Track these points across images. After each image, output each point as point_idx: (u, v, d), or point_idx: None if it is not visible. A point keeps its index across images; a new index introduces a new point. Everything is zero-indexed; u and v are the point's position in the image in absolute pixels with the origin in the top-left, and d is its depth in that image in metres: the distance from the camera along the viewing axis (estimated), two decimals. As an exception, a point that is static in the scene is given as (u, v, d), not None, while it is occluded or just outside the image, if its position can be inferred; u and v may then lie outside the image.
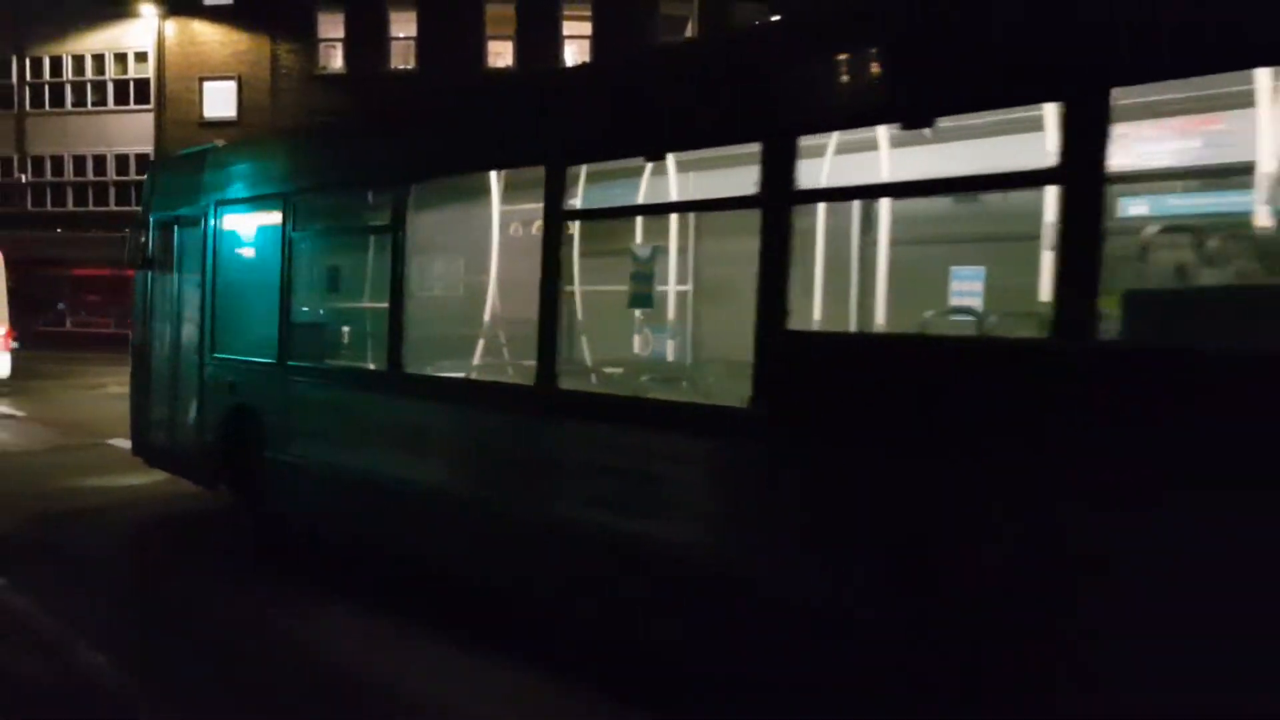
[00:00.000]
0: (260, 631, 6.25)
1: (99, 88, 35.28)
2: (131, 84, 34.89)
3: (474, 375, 6.87)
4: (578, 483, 5.49)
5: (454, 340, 7.11)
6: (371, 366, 7.40)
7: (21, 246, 35.14)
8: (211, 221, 8.84)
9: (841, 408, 4.29)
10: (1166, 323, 3.58)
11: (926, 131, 4.24)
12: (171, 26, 34.27)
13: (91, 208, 35.10)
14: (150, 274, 9.97)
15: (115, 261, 35.33)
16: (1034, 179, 4.05)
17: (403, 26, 33.36)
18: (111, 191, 34.94)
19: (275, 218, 8.08)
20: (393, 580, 7.13)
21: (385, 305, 6.82)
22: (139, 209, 10.65)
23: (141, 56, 34.70)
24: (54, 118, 35.49)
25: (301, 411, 7.73)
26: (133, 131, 34.68)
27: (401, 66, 33.47)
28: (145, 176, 11.41)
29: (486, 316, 7.05)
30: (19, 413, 17.47)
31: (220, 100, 34.21)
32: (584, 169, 6.11)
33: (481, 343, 7.02)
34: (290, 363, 7.81)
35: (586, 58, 33.06)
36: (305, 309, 8.06)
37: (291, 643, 6.03)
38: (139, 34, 34.50)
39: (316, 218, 8.11)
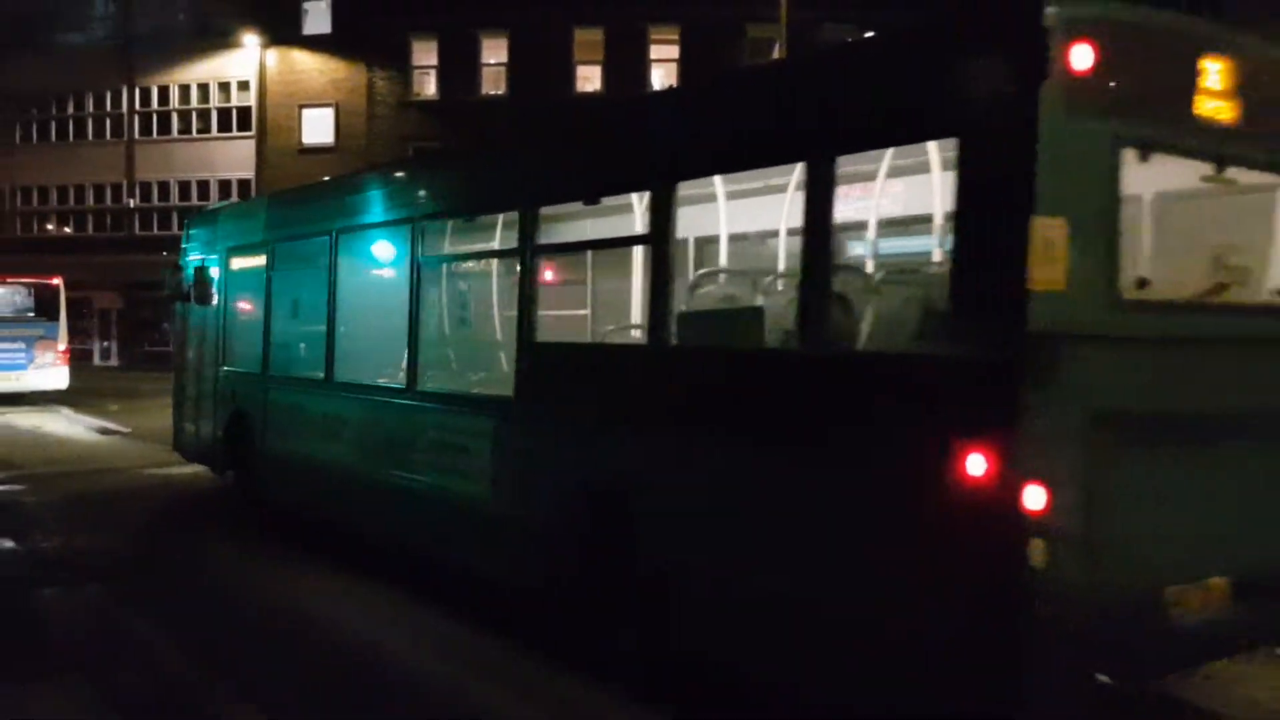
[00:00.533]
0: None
1: (203, 116, 36.60)
2: (234, 112, 36.13)
3: (367, 380, 8.69)
4: (421, 455, 7.64)
5: (360, 353, 8.99)
6: (308, 375, 9.54)
7: (129, 270, 36.55)
8: (221, 263, 11.14)
9: (552, 391, 6.37)
10: (697, 331, 5.66)
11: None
12: (273, 56, 35.43)
13: (195, 232, 36.36)
14: (185, 306, 12.01)
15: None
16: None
17: (494, 53, 33.97)
18: (214, 216, 36.15)
19: (260, 260, 10.41)
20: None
21: (315, 326, 9.22)
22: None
23: (244, 85, 35.92)
24: (160, 145, 36.88)
25: (275, 412, 9.86)
26: (235, 158, 35.88)
27: (492, 92, 34.05)
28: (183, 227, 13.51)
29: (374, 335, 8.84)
30: (126, 429, 18.12)
31: (318, 127, 35.22)
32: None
33: (377, 356, 8.80)
34: (270, 373, 9.96)
35: (674, 81, 33.27)
36: (278, 330, 10.09)
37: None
38: (241, 64, 35.73)
39: (286, 259, 10.14)
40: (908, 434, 4.14)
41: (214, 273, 11.06)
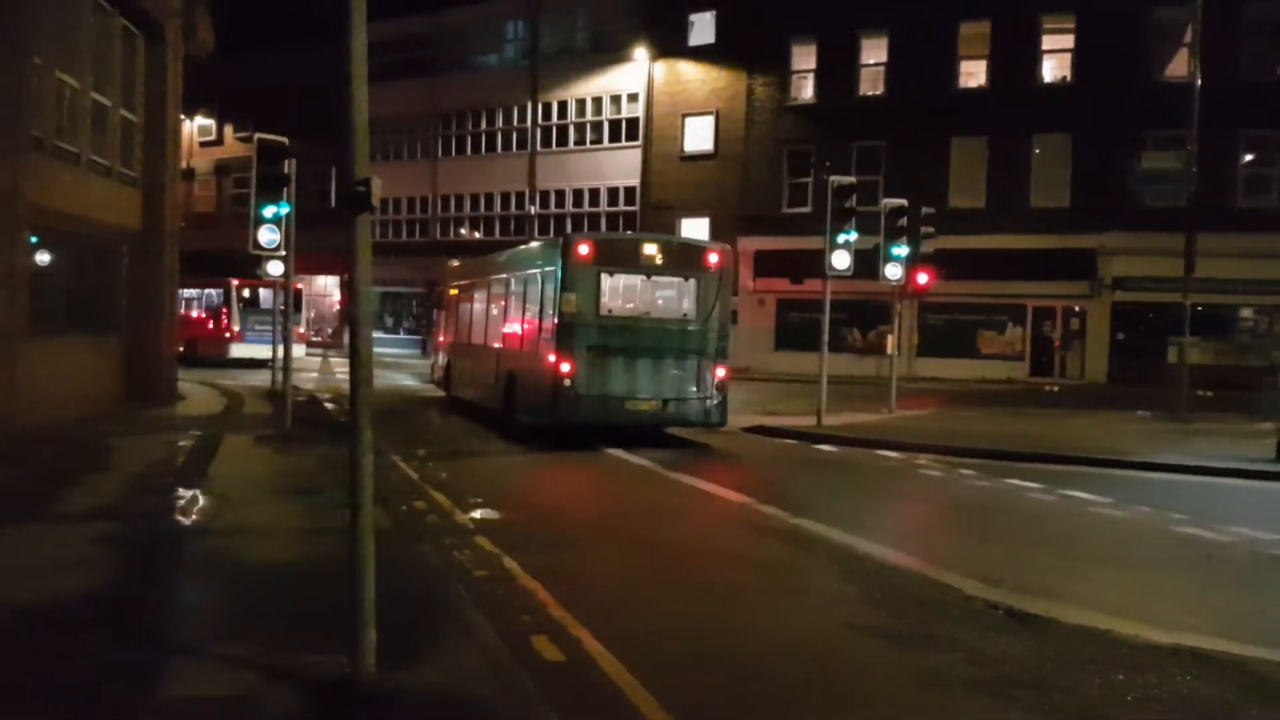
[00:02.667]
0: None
1: (596, 127, 39.17)
2: (624, 123, 38.37)
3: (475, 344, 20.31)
4: (480, 375, 19.29)
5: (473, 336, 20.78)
6: (463, 343, 21.07)
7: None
8: (445, 294, 23.62)
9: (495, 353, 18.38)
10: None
11: None
12: (660, 68, 37.23)
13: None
14: (434, 313, 25.66)
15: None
16: None
17: (873, 53, 33.56)
18: (603, 221, 38.59)
19: (456, 294, 22.59)
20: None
21: (465, 325, 21.27)
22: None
23: (633, 97, 38.04)
24: (558, 156, 39.90)
25: (456, 360, 21.48)
26: (622, 166, 38.11)
27: (870, 93, 33.66)
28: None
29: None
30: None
31: (699, 134, 36.56)
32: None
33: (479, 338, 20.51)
34: (454, 344, 21.94)
35: (1067, 75, 31.20)
36: (457, 326, 21.89)
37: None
38: (631, 77, 37.86)
39: (459, 296, 22.27)
40: (541, 349, 15.32)
41: (446, 296, 23.50)
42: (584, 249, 14.75)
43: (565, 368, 14.34)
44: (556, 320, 14.59)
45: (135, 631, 5.89)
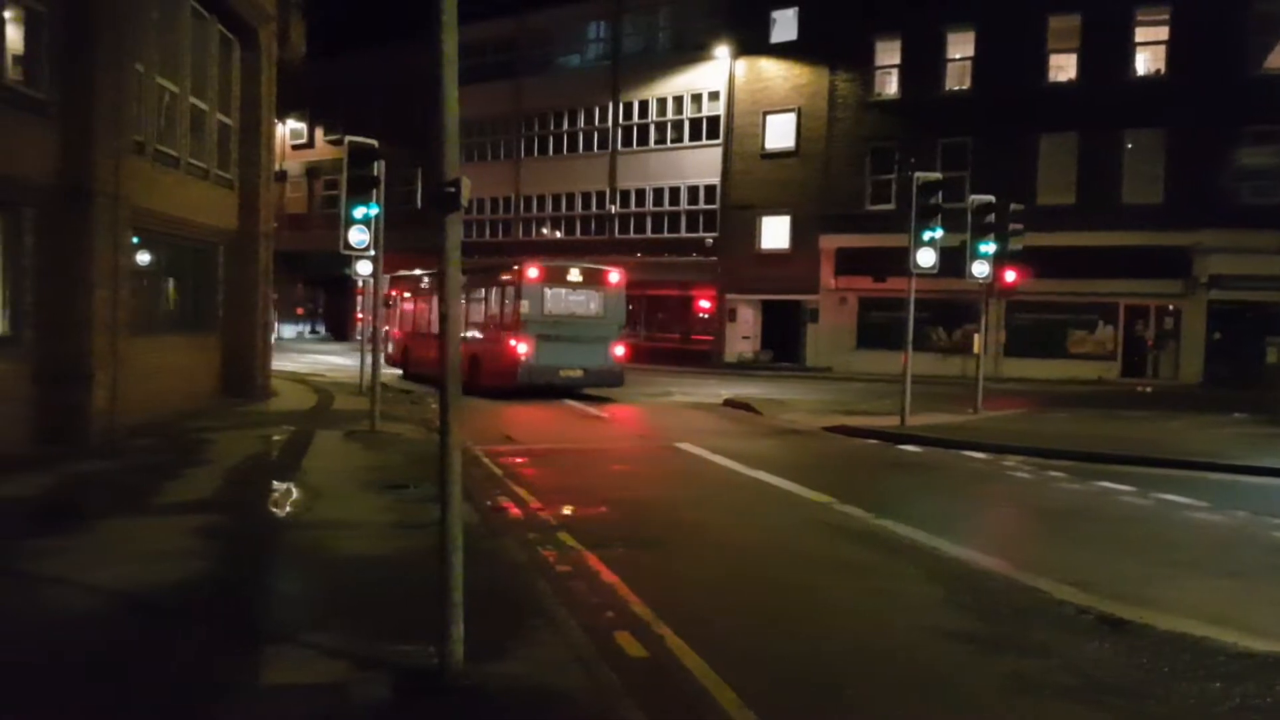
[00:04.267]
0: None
1: (677, 126, 39.17)
2: (704, 121, 38.30)
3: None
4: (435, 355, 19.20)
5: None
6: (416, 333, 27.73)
7: (609, 269, 40.08)
8: (398, 296, 29.83)
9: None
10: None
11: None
12: (741, 66, 37.10)
13: (665, 235, 39.08)
14: (389, 311, 29.32)
15: (683, 284, 38.89)
16: None
17: (959, 47, 33.02)
18: (683, 220, 38.61)
19: (406, 294, 29.57)
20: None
21: (418, 317, 28.21)
22: (701, 236, 21.20)
23: (714, 95, 37.95)
24: (638, 155, 40.03)
25: (411, 346, 27.76)
26: (703, 165, 38.06)
27: (956, 88, 33.14)
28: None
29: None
30: (603, 414, 19.93)
31: (780, 132, 36.34)
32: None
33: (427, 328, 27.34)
34: (408, 333, 28.99)
35: (1161, 68, 30.33)
36: (409, 319, 29.08)
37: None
38: (712, 75, 37.78)
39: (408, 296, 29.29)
40: (503, 336, 22.58)
41: (397, 298, 29.24)
42: (533, 272, 22.31)
43: (523, 349, 21.83)
44: (515, 318, 22.08)
45: (233, 619, 6.10)
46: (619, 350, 23.16)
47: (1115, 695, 5.42)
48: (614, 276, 23.45)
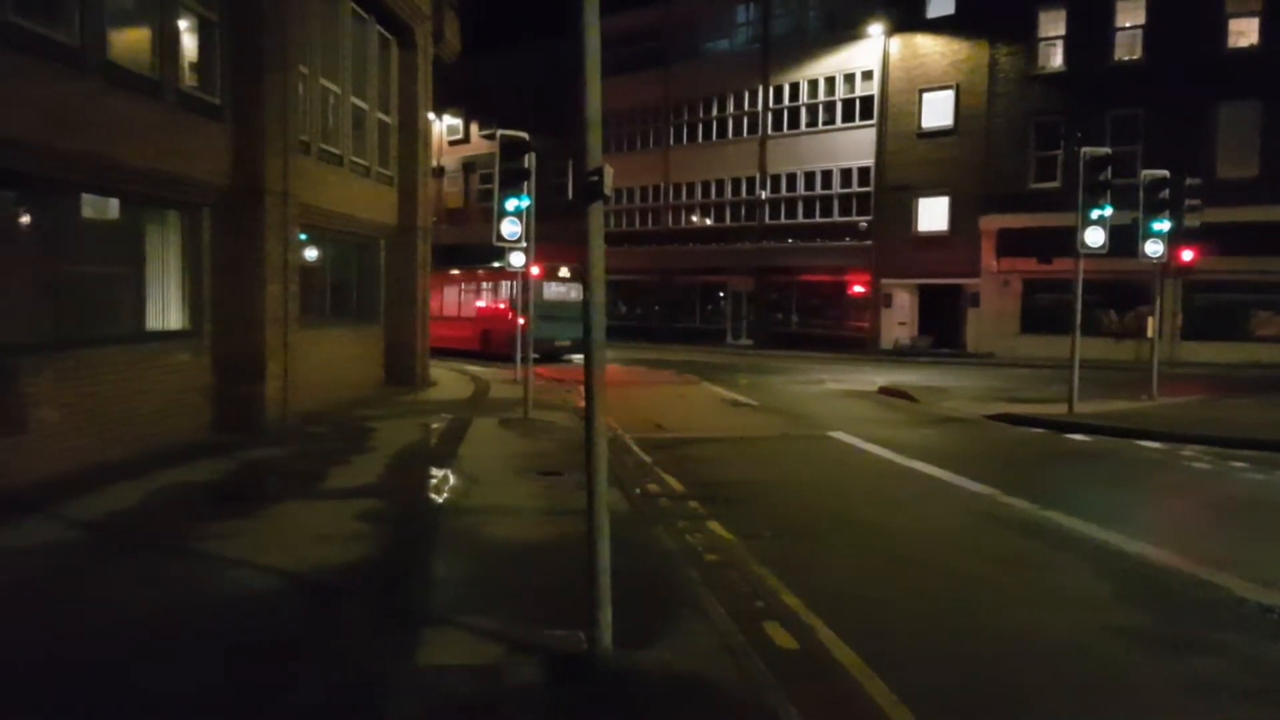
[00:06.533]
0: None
1: (829, 108, 38.46)
2: (857, 102, 37.47)
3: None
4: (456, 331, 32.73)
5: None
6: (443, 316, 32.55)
7: (760, 256, 39.76)
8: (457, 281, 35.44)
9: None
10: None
11: None
12: (895, 43, 36.15)
13: (817, 219, 38.46)
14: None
15: (836, 269, 38.28)
16: None
17: (1129, 15, 31.28)
18: (835, 204, 37.94)
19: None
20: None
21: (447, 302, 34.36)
22: (854, 219, 19.58)
23: (867, 75, 37.09)
24: (789, 139, 39.51)
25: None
26: (856, 146, 37.28)
27: (1126, 58, 31.41)
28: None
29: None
30: (754, 402, 19.75)
31: (938, 110, 35.25)
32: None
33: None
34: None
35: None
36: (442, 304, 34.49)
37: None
38: (865, 54, 36.95)
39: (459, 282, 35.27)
40: (511, 315, 25.82)
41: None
42: (535, 271, 24.49)
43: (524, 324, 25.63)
44: (523, 301, 23.12)
45: (393, 601, 6.29)
46: None
47: (1306, 703, 5.02)
48: None
